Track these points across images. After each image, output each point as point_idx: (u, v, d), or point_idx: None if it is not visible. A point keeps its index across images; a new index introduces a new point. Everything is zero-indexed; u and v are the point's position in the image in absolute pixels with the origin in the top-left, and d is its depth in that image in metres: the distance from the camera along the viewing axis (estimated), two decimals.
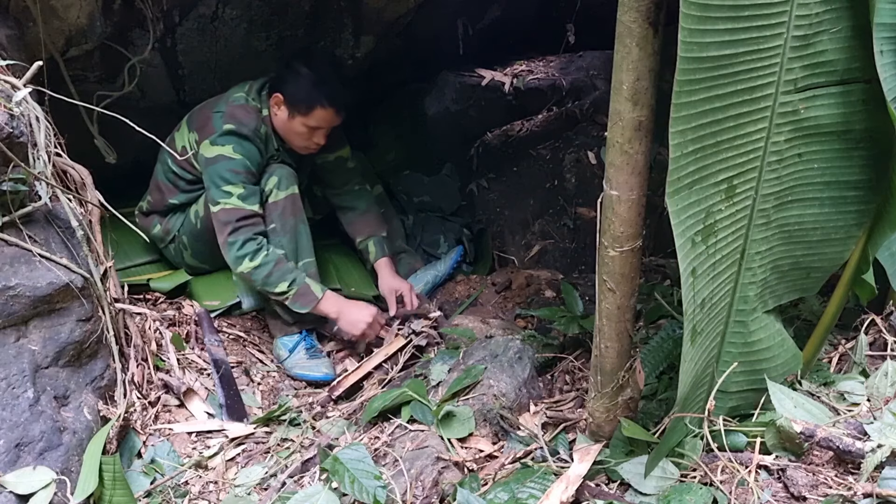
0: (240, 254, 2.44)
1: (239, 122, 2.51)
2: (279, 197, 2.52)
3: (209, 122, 2.56)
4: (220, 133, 2.50)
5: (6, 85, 1.78)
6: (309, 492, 1.57)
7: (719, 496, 1.39)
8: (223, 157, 2.49)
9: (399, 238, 3.03)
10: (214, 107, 2.59)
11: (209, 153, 2.51)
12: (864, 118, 1.35)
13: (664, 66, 1.30)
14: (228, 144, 2.49)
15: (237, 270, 2.48)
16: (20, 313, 1.68)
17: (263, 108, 2.58)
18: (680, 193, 1.29)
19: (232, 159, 2.48)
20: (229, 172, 2.47)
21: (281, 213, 2.52)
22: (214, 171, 2.49)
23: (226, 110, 2.54)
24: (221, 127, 2.51)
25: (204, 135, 2.54)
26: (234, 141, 2.49)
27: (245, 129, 2.51)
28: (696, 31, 1.19)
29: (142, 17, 2.61)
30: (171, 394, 2.15)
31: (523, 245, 3.25)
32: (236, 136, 2.50)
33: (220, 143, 2.50)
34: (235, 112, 2.53)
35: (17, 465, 1.53)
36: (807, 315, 1.89)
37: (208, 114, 2.58)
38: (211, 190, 2.50)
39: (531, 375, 2.05)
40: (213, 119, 2.55)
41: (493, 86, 3.75)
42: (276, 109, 2.57)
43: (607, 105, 1.38)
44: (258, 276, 2.45)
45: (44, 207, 1.82)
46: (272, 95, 2.56)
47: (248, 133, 2.51)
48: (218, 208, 2.47)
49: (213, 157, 2.50)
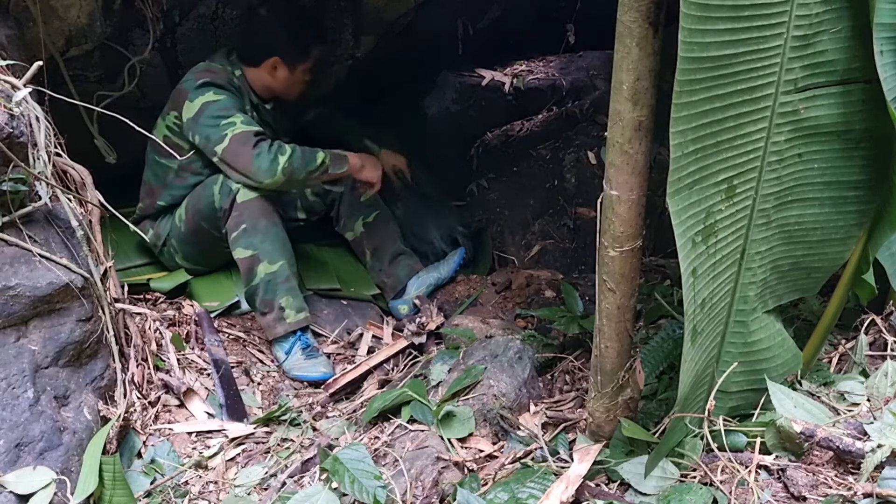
0: (271, 157, 2.44)
1: (210, 76, 2.56)
2: (249, 197, 2.50)
3: (180, 93, 2.58)
4: (195, 89, 2.54)
5: (6, 85, 1.78)
6: (309, 492, 1.57)
7: (719, 496, 1.39)
8: (207, 103, 2.51)
9: (397, 240, 3.03)
10: (179, 84, 2.62)
11: (192, 111, 2.52)
12: (864, 118, 1.35)
13: (664, 66, 1.30)
14: (207, 91, 2.52)
15: (277, 175, 2.44)
16: (20, 313, 1.68)
17: (235, 69, 2.64)
18: (680, 193, 1.29)
19: (217, 100, 2.51)
20: (220, 111, 2.50)
21: (251, 214, 2.51)
22: (206, 119, 2.50)
23: (193, 76, 2.59)
24: (194, 83, 2.55)
25: (181, 103, 2.56)
26: (211, 88, 2.53)
27: (218, 80, 2.57)
28: (696, 31, 1.19)
29: (142, 17, 2.61)
30: (171, 394, 2.15)
31: (523, 245, 3.25)
32: (212, 85, 2.54)
33: (198, 96, 2.52)
34: (200, 73, 2.58)
35: (17, 465, 1.53)
36: (807, 315, 1.89)
37: (176, 92, 2.61)
38: (210, 135, 2.49)
39: (531, 375, 2.05)
40: (182, 87, 2.58)
41: (493, 86, 3.75)
42: (274, 73, 2.64)
43: (607, 105, 1.38)
44: (297, 163, 2.48)
45: (44, 207, 1.82)
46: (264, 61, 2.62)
47: (222, 83, 2.56)
48: (227, 141, 2.47)
49: (198, 111, 2.51)
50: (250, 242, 2.51)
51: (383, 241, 2.98)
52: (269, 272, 2.51)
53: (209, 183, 2.58)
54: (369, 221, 2.98)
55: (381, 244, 2.98)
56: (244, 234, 2.51)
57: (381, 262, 2.97)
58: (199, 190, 2.61)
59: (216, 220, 2.56)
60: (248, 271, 2.53)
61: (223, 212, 2.53)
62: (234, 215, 2.51)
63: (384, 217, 3.02)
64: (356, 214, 2.99)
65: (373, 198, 3.00)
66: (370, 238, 2.98)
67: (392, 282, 2.95)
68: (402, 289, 2.93)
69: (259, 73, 2.66)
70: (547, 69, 3.91)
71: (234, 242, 2.53)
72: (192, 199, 2.63)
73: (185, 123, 2.55)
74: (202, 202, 2.58)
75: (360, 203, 2.98)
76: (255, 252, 2.51)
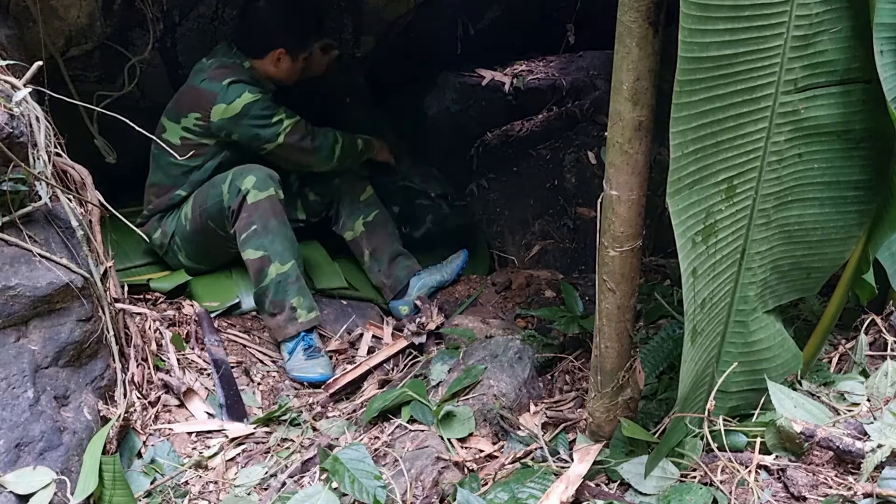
0: (328, 149, 2.73)
1: (232, 74, 2.59)
2: (259, 197, 2.51)
3: (202, 94, 2.59)
4: (226, 88, 2.56)
5: (6, 85, 1.78)
6: (309, 492, 1.57)
7: (719, 496, 1.39)
8: (248, 104, 2.56)
9: (396, 240, 3.03)
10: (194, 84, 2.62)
11: (231, 112, 2.55)
12: (864, 118, 1.35)
13: (664, 66, 1.30)
14: (243, 92, 2.56)
15: (333, 163, 2.79)
16: (20, 313, 1.68)
17: (243, 62, 2.66)
18: (680, 193, 1.29)
19: (256, 99, 2.57)
20: (264, 109, 2.58)
21: (262, 214, 2.52)
22: (251, 119, 2.57)
23: (209, 75, 2.60)
24: (221, 85, 2.56)
25: (207, 105, 2.57)
26: (243, 87, 2.57)
27: (243, 76, 2.61)
28: (696, 31, 1.19)
29: (142, 17, 2.61)
30: (171, 394, 2.15)
31: (523, 245, 3.25)
32: (241, 82, 2.58)
33: (234, 97, 2.55)
34: (218, 72, 2.60)
35: (17, 465, 1.53)
36: (807, 315, 1.89)
37: (194, 92, 2.61)
38: (260, 133, 2.60)
39: (531, 375, 2.05)
40: (203, 89, 2.59)
41: (493, 86, 3.75)
42: (277, 63, 2.69)
43: (607, 105, 1.38)
44: (347, 150, 2.80)
45: (44, 207, 1.82)
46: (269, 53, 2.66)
47: (246, 79, 2.61)
48: (281, 138, 2.61)
49: (240, 111, 2.55)
50: (261, 243, 2.52)
51: (382, 241, 2.98)
52: (281, 273, 2.52)
53: (217, 182, 2.59)
54: (369, 221, 2.98)
55: (380, 244, 2.98)
56: (255, 235, 2.52)
57: (379, 263, 2.97)
58: (207, 188, 2.62)
59: (223, 219, 2.57)
60: (259, 272, 2.54)
61: (231, 212, 2.54)
62: (244, 216, 2.52)
63: (383, 217, 3.02)
64: (355, 214, 2.99)
65: (372, 197, 3.00)
66: (369, 238, 2.98)
67: (391, 282, 2.95)
68: (401, 289, 2.93)
69: (263, 64, 2.69)
70: (547, 69, 3.91)
71: (243, 243, 2.53)
72: (198, 198, 2.63)
73: (220, 123, 2.57)
74: (209, 201, 2.59)
75: (359, 203, 2.99)
76: (266, 253, 2.51)
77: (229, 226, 2.56)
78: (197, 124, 2.59)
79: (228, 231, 2.58)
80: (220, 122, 2.56)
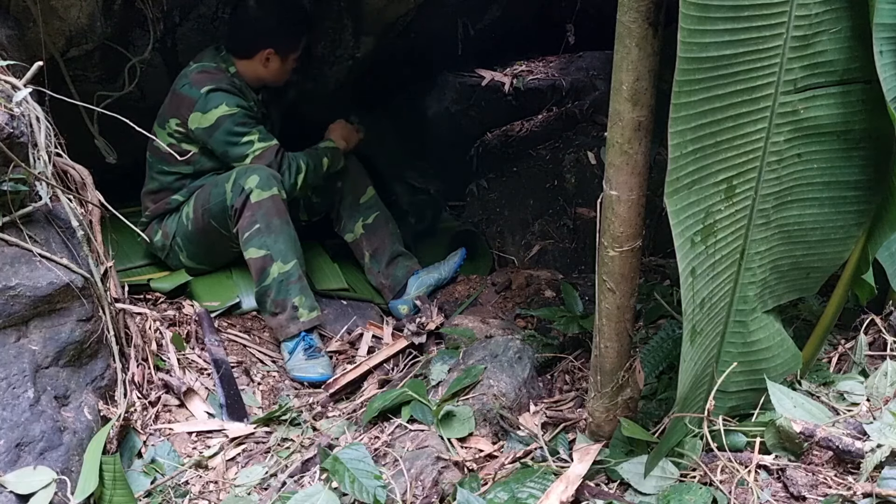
0: (291, 181, 2.63)
1: (213, 80, 2.57)
2: (262, 196, 2.52)
3: (182, 100, 2.58)
4: (204, 97, 2.54)
5: (6, 85, 1.78)
6: (309, 492, 1.57)
7: (719, 496, 1.39)
8: (223, 116, 2.54)
9: (396, 241, 3.04)
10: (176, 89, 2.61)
11: (206, 122, 2.54)
12: (864, 118, 1.35)
13: (664, 66, 1.30)
14: (220, 103, 2.54)
15: (297, 191, 2.68)
16: (20, 313, 1.68)
17: (229, 66, 2.65)
18: (679, 193, 1.29)
19: (232, 114, 2.55)
20: (237, 126, 2.55)
21: (265, 213, 2.52)
22: (223, 133, 2.54)
23: (190, 79, 2.58)
24: (200, 91, 2.54)
25: (185, 112, 2.56)
26: (222, 97, 2.55)
27: (223, 83, 2.58)
28: (695, 31, 1.19)
29: (142, 17, 2.61)
30: (171, 394, 2.15)
31: (523, 245, 3.25)
32: (221, 91, 2.56)
33: (211, 107, 2.53)
34: (200, 77, 2.58)
35: (18, 464, 1.53)
36: (807, 315, 1.89)
37: (175, 97, 2.61)
38: (229, 151, 2.57)
39: (531, 375, 2.05)
40: (184, 94, 2.57)
41: (493, 86, 3.76)
42: (267, 64, 2.67)
43: (607, 105, 1.38)
44: (311, 176, 2.70)
45: (44, 207, 1.82)
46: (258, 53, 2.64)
47: (227, 87, 2.58)
48: (248, 160, 2.57)
49: (213, 124, 2.54)
50: (264, 242, 2.52)
51: (382, 242, 2.99)
52: (283, 272, 2.53)
53: (220, 181, 2.59)
54: (369, 223, 2.98)
55: (380, 245, 2.98)
56: (258, 234, 2.52)
57: (379, 264, 2.97)
58: (209, 188, 2.62)
59: (226, 218, 2.57)
60: (261, 271, 2.54)
61: (234, 210, 2.54)
62: (247, 215, 2.52)
63: (383, 218, 3.02)
64: (356, 216, 2.99)
65: (373, 199, 3.01)
66: (370, 239, 2.98)
67: (391, 283, 2.95)
68: (400, 289, 2.93)
69: (251, 65, 2.67)
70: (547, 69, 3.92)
71: (246, 242, 2.54)
72: (200, 197, 2.63)
73: (196, 132, 2.57)
74: (212, 200, 2.59)
75: (359, 204, 2.99)
76: (269, 252, 2.52)
77: (232, 225, 2.56)
78: (178, 130, 2.60)
79: (231, 230, 2.58)
80: (197, 130, 2.57)
